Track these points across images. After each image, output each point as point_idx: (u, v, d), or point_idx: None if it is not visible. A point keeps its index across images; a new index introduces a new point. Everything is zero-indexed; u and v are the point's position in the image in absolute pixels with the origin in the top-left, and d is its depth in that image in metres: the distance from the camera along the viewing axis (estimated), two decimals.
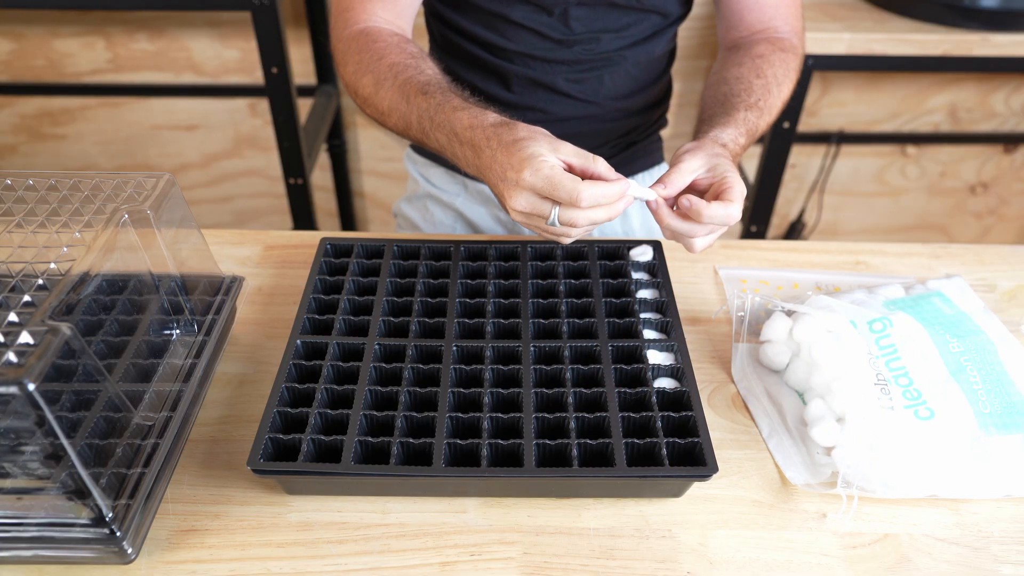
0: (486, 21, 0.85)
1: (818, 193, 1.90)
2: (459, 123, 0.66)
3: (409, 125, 0.71)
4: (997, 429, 0.61)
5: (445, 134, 0.67)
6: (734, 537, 0.56)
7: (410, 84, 0.71)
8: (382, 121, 0.75)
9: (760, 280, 0.80)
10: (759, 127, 0.77)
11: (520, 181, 0.60)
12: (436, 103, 0.68)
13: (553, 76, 0.87)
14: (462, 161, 0.67)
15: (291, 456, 0.57)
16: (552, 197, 0.60)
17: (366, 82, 0.74)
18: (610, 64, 0.87)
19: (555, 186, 0.59)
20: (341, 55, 0.78)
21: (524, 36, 0.84)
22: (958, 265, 0.83)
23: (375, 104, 0.74)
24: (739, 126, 0.74)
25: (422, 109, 0.69)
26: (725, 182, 0.64)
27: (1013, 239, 2.04)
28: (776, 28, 0.87)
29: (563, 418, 0.59)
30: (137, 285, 0.62)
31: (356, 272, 0.74)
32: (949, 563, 0.55)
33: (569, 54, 0.85)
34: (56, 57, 1.72)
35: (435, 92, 0.69)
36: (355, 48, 0.77)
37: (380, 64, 0.74)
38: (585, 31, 0.84)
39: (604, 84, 0.88)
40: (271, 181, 1.94)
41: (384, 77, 0.73)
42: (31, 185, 0.62)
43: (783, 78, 0.81)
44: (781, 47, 0.84)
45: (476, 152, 0.64)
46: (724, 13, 0.89)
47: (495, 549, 0.55)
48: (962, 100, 1.79)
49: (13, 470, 0.49)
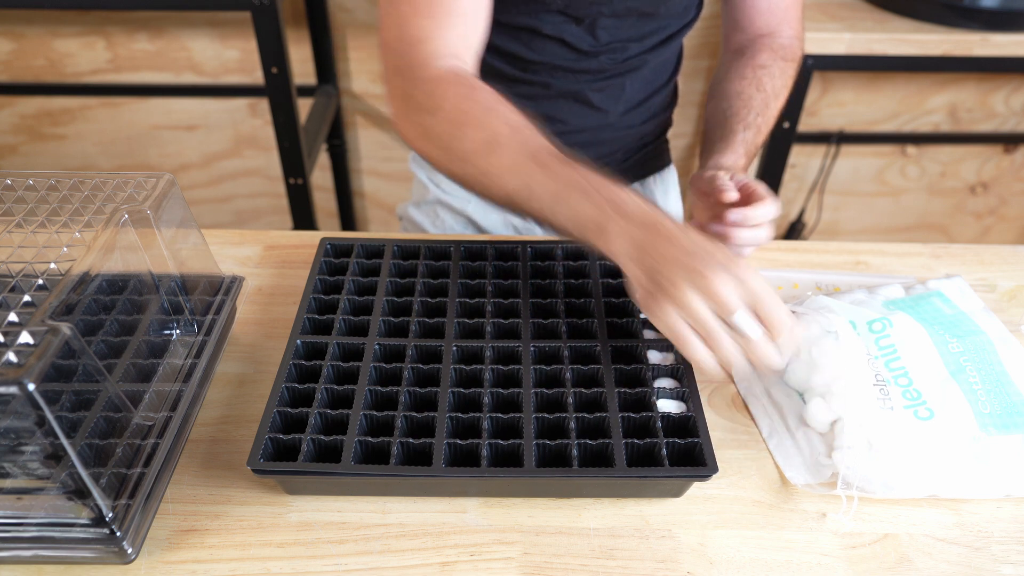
0: (513, 33, 0.83)
1: (818, 193, 1.91)
2: (633, 201, 0.60)
3: (533, 193, 0.63)
4: (997, 429, 0.61)
5: (598, 205, 0.60)
6: (734, 537, 0.56)
7: (550, 154, 0.63)
8: (478, 182, 0.66)
9: None
10: (757, 143, 0.83)
11: (732, 266, 0.55)
12: (584, 175, 0.62)
13: (578, 86, 0.86)
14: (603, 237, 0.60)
15: (291, 456, 0.57)
16: (751, 305, 0.56)
17: (475, 136, 0.65)
18: (631, 70, 0.87)
19: (761, 297, 0.55)
20: (427, 96, 0.67)
21: (550, 47, 0.83)
22: (958, 265, 0.83)
23: (477, 162, 0.65)
24: (737, 148, 0.80)
25: (566, 175, 0.62)
26: (748, 186, 0.71)
27: (1013, 239, 2.04)
28: (781, 33, 0.88)
29: (563, 418, 0.59)
30: (137, 285, 0.62)
31: (356, 272, 0.74)
32: (949, 563, 0.55)
33: (595, 64, 0.85)
34: (56, 57, 1.72)
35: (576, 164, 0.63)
36: (453, 96, 0.66)
37: (493, 121, 0.65)
38: (612, 40, 0.84)
39: (624, 91, 0.89)
40: (271, 181, 1.94)
41: (504, 137, 0.64)
42: (31, 185, 0.62)
43: (781, 89, 0.86)
44: (783, 56, 0.87)
45: (658, 231, 0.58)
46: (732, 15, 0.90)
47: (495, 549, 0.55)
48: (962, 100, 1.79)
49: (13, 470, 0.49)
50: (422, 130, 0.68)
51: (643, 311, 0.59)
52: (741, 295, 0.55)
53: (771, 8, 0.87)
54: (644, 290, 0.58)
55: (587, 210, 0.60)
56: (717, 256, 0.56)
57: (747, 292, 0.55)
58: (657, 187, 1.02)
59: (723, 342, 0.56)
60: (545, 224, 0.64)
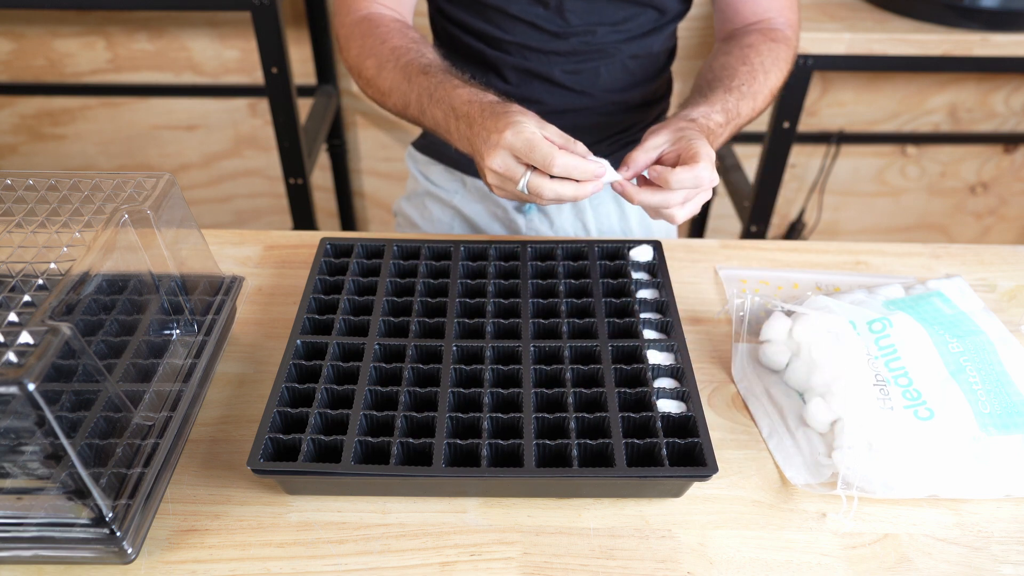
0: (483, 14, 0.86)
1: (818, 193, 1.91)
2: (458, 98, 0.69)
3: (408, 104, 0.74)
4: (997, 429, 0.61)
5: (442, 110, 0.70)
6: (734, 537, 0.56)
7: (412, 65, 0.74)
8: (382, 102, 0.79)
9: (760, 280, 0.80)
10: (740, 110, 0.76)
11: (500, 141, 0.63)
12: (437, 81, 0.72)
13: (550, 67, 0.88)
14: (455, 135, 0.70)
15: (291, 456, 0.57)
16: (527, 160, 0.62)
17: (369, 64, 0.78)
18: (606, 57, 0.88)
19: (532, 147, 0.62)
20: (344, 40, 0.82)
21: (520, 28, 0.86)
22: (958, 265, 0.83)
23: (377, 85, 0.77)
24: (713, 104, 0.74)
25: (422, 87, 0.72)
26: (691, 147, 0.64)
27: (1013, 239, 2.04)
28: (771, 20, 0.87)
29: (563, 418, 0.59)
30: (137, 285, 0.62)
31: (356, 272, 0.74)
32: (949, 563, 0.55)
33: (565, 46, 0.86)
34: (56, 57, 1.72)
35: (436, 72, 0.73)
36: (358, 33, 0.80)
37: (383, 47, 0.77)
38: (581, 23, 0.85)
39: (600, 76, 0.89)
40: (271, 181, 1.94)
41: (387, 59, 0.76)
42: (31, 185, 0.62)
43: (771, 66, 0.81)
44: (772, 37, 0.84)
45: (469, 124, 0.67)
46: (720, 5, 0.90)
47: (495, 549, 0.55)
48: (962, 100, 1.79)
49: (13, 470, 0.49)
50: (349, 67, 0.82)
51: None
52: (514, 159, 0.63)
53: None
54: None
55: (438, 115, 0.71)
56: (492, 138, 0.63)
57: (521, 155, 0.62)
58: None
59: (536, 195, 0.64)
60: (426, 131, 0.78)
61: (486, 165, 0.65)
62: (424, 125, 0.75)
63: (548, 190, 0.63)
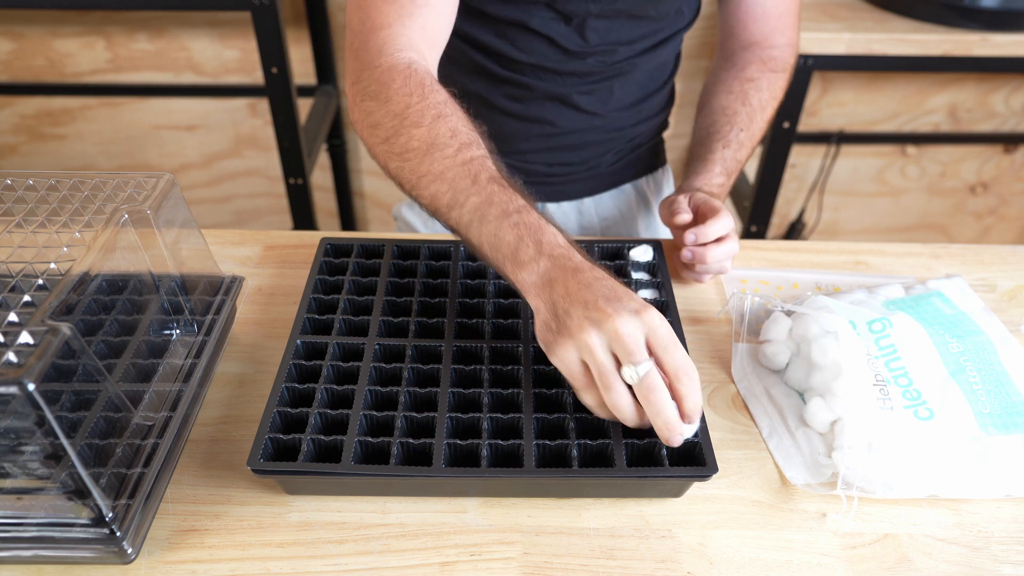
0: (500, 30, 0.83)
1: (818, 193, 1.91)
2: (551, 236, 0.59)
3: (456, 203, 0.61)
4: (997, 429, 0.61)
5: (517, 231, 0.58)
6: (734, 537, 0.56)
7: (476, 162, 0.62)
8: (408, 180, 0.64)
9: (760, 280, 0.80)
10: (739, 157, 0.85)
11: (644, 312, 0.53)
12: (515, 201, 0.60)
13: (564, 88, 0.86)
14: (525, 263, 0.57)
15: (291, 456, 0.57)
16: (661, 352, 0.53)
17: (417, 135, 0.63)
18: (620, 74, 0.87)
19: (674, 343, 0.53)
20: (378, 85, 0.66)
21: (539, 47, 0.83)
22: (958, 265, 0.83)
23: (415, 165, 0.63)
24: (712, 167, 0.83)
25: (494, 194, 0.60)
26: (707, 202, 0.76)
27: (1013, 239, 2.04)
28: (774, 41, 0.88)
29: (563, 418, 0.59)
30: (137, 285, 0.62)
31: (356, 272, 0.74)
32: (949, 563, 0.55)
33: (582, 66, 0.85)
34: (56, 57, 1.72)
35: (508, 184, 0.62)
36: (403, 90, 0.65)
37: (439, 125, 0.63)
38: (600, 42, 0.83)
39: (614, 94, 0.88)
40: (271, 181, 1.94)
41: (444, 143, 0.62)
42: (31, 185, 0.62)
43: (768, 101, 0.88)
44: (772, 68, 0.89)
45: (571, 270, 0.56)
46: (728, 20, 0.90)
47: (495, 549, 0.55)
48: (962, 100, 1.79)
49: (13, 470, 0.49)
50: (368, 118, 0.66)
51: (543, 347, 0.57)
52: (647, 342, 0.53)
53: (765, 16, 0.88)
54: (546, 326, 0.56)
55: (506, 234, 0.58)
56: (625, 301, 0.54)
57: (656, 339, 0.53)
58: (650, 188, 1.01)
59: (617, 390, 0.54)
60: (462, 238, 0.62)
61: (611, 324, 0.52)
62: (457, 225, 0.62)
63: (662, 394, 0.53)
